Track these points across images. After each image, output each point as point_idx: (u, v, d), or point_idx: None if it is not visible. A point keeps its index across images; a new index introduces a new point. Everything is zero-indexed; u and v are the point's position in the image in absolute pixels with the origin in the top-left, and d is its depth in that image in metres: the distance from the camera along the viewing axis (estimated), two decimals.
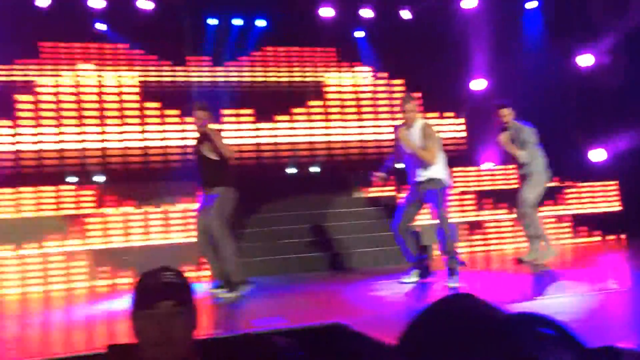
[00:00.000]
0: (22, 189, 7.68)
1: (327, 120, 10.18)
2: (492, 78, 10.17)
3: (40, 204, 7.65)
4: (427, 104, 10.16)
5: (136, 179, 8.51)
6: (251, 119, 9.83)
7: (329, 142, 10.13)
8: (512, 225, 8.53)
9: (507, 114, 6.58)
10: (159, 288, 1.56)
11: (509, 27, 9.93)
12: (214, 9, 9.96)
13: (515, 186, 7.51)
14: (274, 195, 8.11)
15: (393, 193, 8.44)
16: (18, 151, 8.69)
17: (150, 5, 9.55)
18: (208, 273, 5.91)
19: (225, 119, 9.60)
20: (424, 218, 6.91)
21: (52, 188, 7.82)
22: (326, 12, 10.32)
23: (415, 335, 0.74)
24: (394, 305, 4.65)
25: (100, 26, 9.53)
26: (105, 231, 7.49)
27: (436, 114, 10.45)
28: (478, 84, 10.40)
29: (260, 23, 10.27)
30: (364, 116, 10.38)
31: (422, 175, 5.49)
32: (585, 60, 9.46)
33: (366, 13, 10.45)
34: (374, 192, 8.70)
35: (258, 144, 9.79)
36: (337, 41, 10.59)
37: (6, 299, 6.58)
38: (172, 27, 9.50)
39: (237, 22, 10.21)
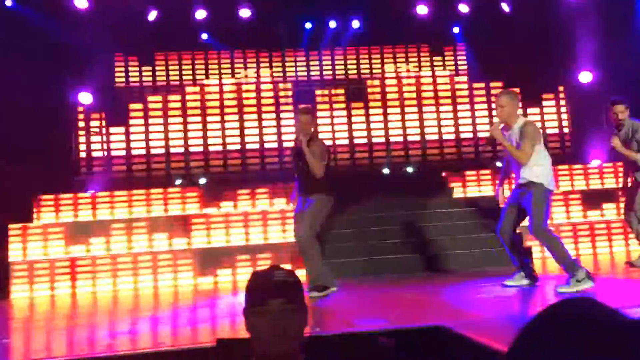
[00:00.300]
0: (134, 191, 8.20)
1: (421, 119, 10.05)
2: (600, 70, 9.60)
3: (149, 205, 8.13)
4: (527, 99, 9.76)
5: (235, 181, 8.82)
6: (344, 119, 9.89)
7: (425, 140, 9.98)
8: (622, 227, 8.01)
9: (621, 110, 6.17)
10: (270, 286, 1.61)
11: (618, 14, 9.33)
12: (310, 13, 10.11)
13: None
14: (369, 196, 8.11)
15: (493, 193, 8.18)
16: (130, 155, 9.29)
17: (247, 13, 9.85)
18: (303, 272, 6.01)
19: (320, 120, 9.73)
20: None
21: (160, 190, 8.28)
22: (422, 9, 10.19)
23: (528, 340, 0.70)
24: (498, 309, 4.50)
25: (204, 36, 9.98)
26: (208, 231, 7.83)
27: (537, 110, 10.04)
28: (585, 77, 9.85)
29: (356, 24, 10.29)
30: (461, 114, 10.14)
31: (522, 177, 5.26)
32: None
33: (463, 8, 10.21)
34: (472, 192, 8.47)
35: (352, 145, 9.84)
36: (432, 38, 10.43)
37: (119, 294, 7.04)
38: (270, 32, 9.76)
39: (333, 24, 10.29)
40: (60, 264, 7.36)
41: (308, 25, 10.22)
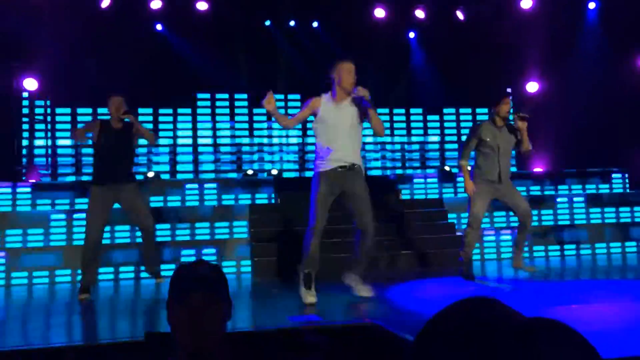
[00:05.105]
0: None
1: None
2: (546, 80, 9.70)
3: None
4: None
5: None
6: None
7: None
8: None
9: None
10: (192, 280, 1.64)
11: (567, 26, 9.38)
12: None
13: None
14: None
15: None
16: None
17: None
18: None
19: None
20: None
21: None
22: None
23: (428, 337, 0.69)
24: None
25: None
26: None
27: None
28: (531, 87, 9.85)
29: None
30: None
31: None
32: None
33: None
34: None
35: None
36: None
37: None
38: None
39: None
40: None
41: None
